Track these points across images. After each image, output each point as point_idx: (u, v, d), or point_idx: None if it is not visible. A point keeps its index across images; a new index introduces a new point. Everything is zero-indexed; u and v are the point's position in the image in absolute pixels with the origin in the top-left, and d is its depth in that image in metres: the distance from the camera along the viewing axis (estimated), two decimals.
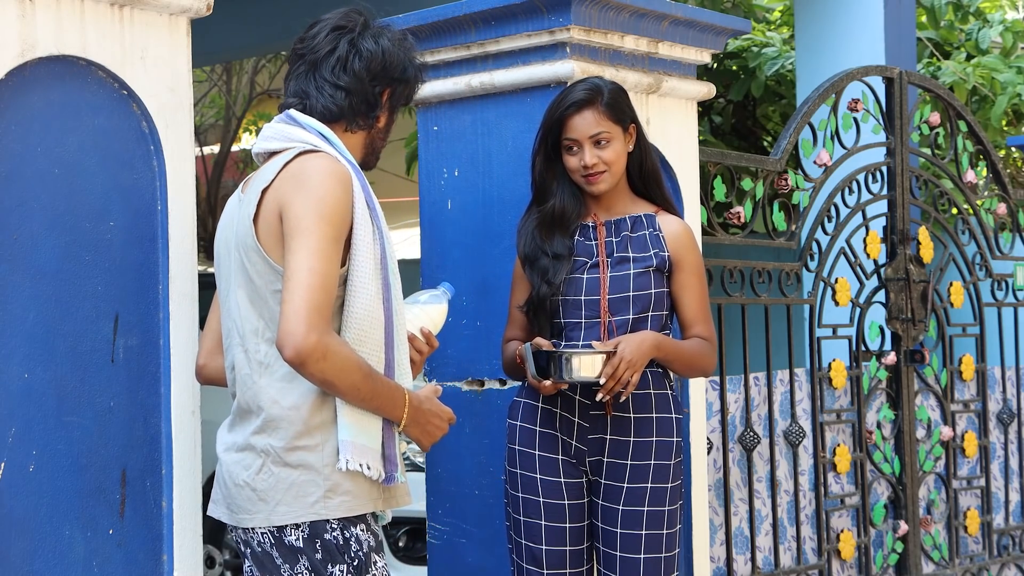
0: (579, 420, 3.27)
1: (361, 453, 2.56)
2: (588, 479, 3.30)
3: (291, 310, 2.46)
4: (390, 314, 2.64)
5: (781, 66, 8.33)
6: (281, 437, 2.57)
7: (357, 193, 2.59)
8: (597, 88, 3.28)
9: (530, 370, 3.16)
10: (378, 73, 2.72)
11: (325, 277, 2.49)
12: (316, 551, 2.56)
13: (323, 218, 2.51)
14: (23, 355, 2.69)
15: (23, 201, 2.70)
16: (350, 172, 2.60)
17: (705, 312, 3.35)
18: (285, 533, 2.57)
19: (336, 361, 2.48)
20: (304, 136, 2.65)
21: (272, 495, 2.57)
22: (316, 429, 2.57)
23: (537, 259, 3.29)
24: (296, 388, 2.57)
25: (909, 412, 5.02)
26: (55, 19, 2.74)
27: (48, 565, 2.72)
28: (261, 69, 14.35)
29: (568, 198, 3.30)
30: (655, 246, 3.30)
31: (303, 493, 2.56)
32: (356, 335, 2.57)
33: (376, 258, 2.61)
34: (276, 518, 2.57)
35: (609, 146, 3.25)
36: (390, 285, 2.64)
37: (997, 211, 5.58)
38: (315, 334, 2.45)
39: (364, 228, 2.59)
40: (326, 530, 2.56)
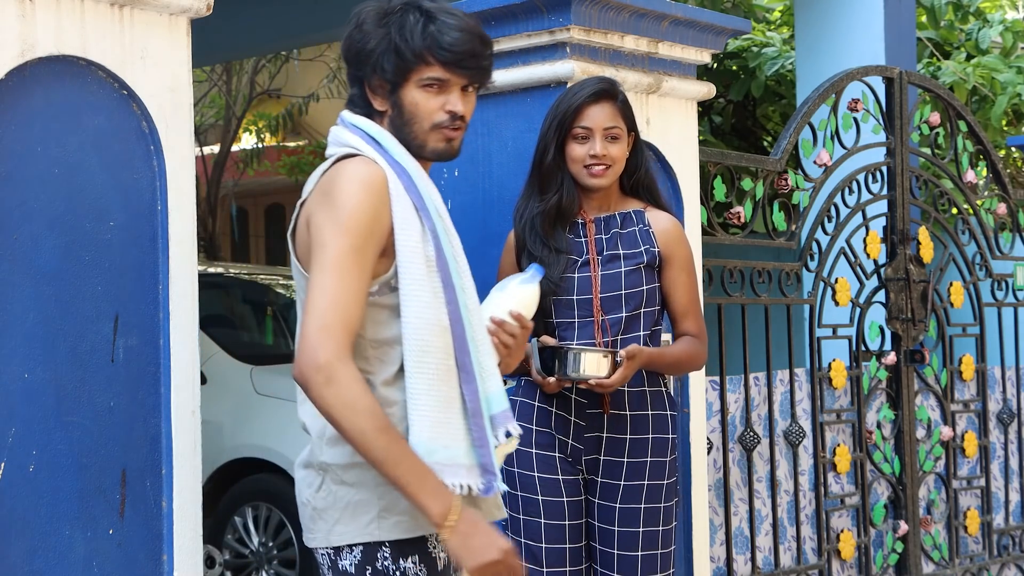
0: (575, 419, 3.27)
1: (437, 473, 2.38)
2: (584, 477, 3.30)
3: (302, 331, 2.33)
4: (457, 316, 2.46)
5: (781, 66, 8.34)
6: (340, 453, 2.43)
7: (396, 195, 2.44)
8: (615, 84, 3.31)
9: (536, 366, 3.17)
10: (354, 59, 2.52)
11: (337, 295, 2.34)
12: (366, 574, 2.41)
13: (341, 229, 2.36)
14: (23, 355, 2.69)
15: (23, 201, 2.70)
16: (384, 174, 2.44)
17: (695, 307, 3.36)
18: (341, 556, 2.43)
19: (342, 392, 2.30)
20: (346, 138, 2.51)
21: (331, 514, 2.44)
22: None
23: (536, 253, 3.28)
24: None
25: (909, 412, 5.02)
26: (55, 19, 2.74)
27: (48, 565, 2.72)
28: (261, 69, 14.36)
29: (572, 192, 3.30)
30: (645, 242, 3.30)
31: (359, 512, 2.42)
32: (416, 344, 2.41)
33: (428, 259, 2.45)
34: (334, 538, 2.43)
35: (618, 143, 3.27)
36: (453, 285, 2.47)
37: (997, 211, 5.58)
38: (322, 354, 2.30)
39: (407, 230, 2.44)
40: (377, 557, 2.41)
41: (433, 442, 2.39)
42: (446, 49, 2.46)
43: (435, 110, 2.50)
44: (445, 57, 2.46)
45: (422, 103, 2.49)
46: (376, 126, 2.51)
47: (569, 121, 3.26)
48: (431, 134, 2.52)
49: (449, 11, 2.50)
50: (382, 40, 2.47)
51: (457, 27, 2.47)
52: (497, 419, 2.52)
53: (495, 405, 2.52)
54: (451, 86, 2.50)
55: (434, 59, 2.46)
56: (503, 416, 2.53)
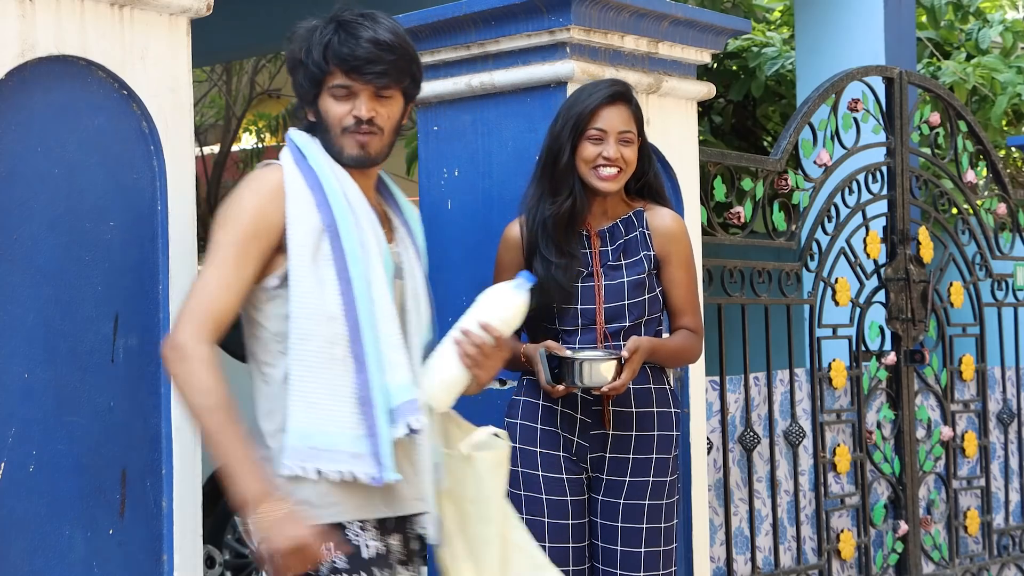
0: (581, 416, 3.28)
1: (307, 457, 2.51)
2: (588, 475, 3.31)
3: (179, 312, 2.57)
4: (351, 307, 2.57)
5: (781, 66, 8.33)
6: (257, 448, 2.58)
7: (292, 193, 2.59)
8: (629, 87, 3.30)
9: (545, 376, 3.16)
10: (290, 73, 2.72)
11: (210, 284, 2.54)
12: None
13: (222, 224, 2.58)
14: (23, 355, 2.69)
15: (23, 201, 2.70)
16: (278, 177, 2.61)
17: (693, 303, 3.36)
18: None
19: (190, 370, 2.49)
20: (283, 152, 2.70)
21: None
22: (270, 436, 2.58)
23: (550, 259, 3.24)
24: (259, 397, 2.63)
25: (909, 412, 5.02)
26: (55, 19, 2.74)
27: (48, 565, 2.72)
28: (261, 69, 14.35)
29: (584, 197, 3.27)
30: (643, 247, 3.30)
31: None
32: (296, 331, 2.55)
33: (319, 252, 2.57)
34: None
35: (631, 147, 3.25)
36: (350, 278, 2.58)
37: (997, 211, 5.58)
38: (179, 335, 2.51)
39: (297, 224, 2.57)
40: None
41: (310, 427, 2.52)
42: (343, 58, 2.61)
43: (343, 115, 2.64)
44: (344, 65, 2.62)
45: (332, 110, 2.65)
46: (305, 137, 2.69)
47: (585, 122, 3.24)
48: (344, 139, 2.66)
49: (366, 23, 2.65)
50: (306, 50, 2.65)
51: (363, 36, 2.62)
52: (399, 411, 2.59)
53: (397, 397, 2.59)
54: (358, 92, 2.64)
55: (336, 67, 2.62)
56: (406, 408, 2.59)
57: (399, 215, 2.81)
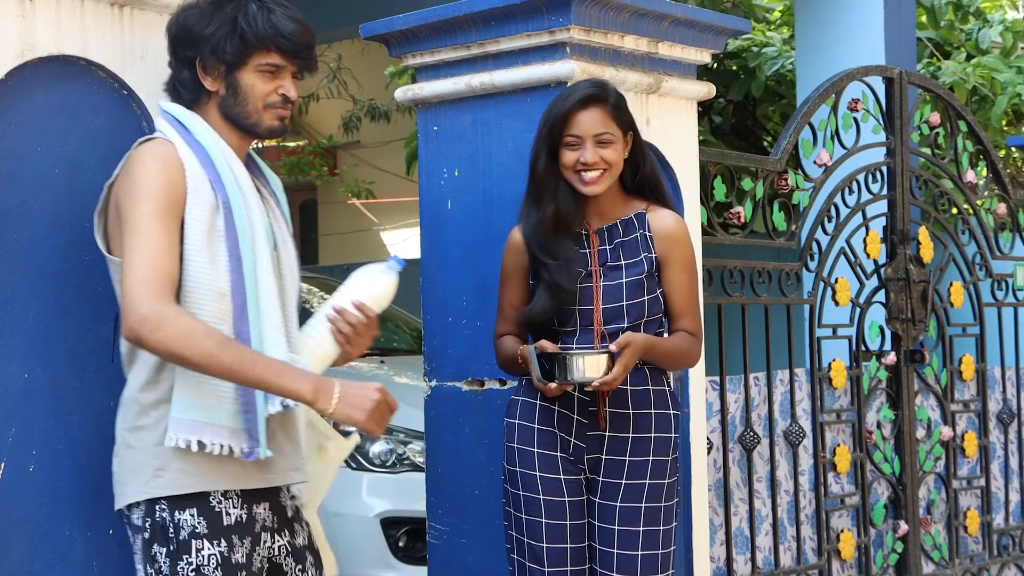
0: (578, 416, 3.27)
1: (191, 429, 2.57)
2: (586, 476, 3.30)
3: (122, 292, 2.55)
4: (239, 285, 2.63)
5: (781, 66, 8.34)
6: (126, 419, 2.65)
7: (188, 166, 2.63)
8: (605, 87, 3.27)
9: (535, 373, 3.16)
10: (175, 45, 2.73)
11: (146, 251, 2.53)
12: (146, 530, 2.61)
13: (138, 198, 2.57)
14: (23, 355, 2.69)
15: (23, 201, 2.70)
16: (173, 149, 2.63)
17: (693, 306, 3.34)
18: (132, 513, 2.63)
19: (174, 330, 2.49)
20: (158, 124, 2.72)
21: (121, 476, 2.65)
22: (151, 408, 2.62)
23: (547, 264, 3.25)
24: (136, 370, 2.65)
25: (909, 412, 5.02)
26: (55, 19, 2.74)
27: (48, 565, 2.72)
28: None
29: (569, 200, 3.27)
30: (644, 249, 3.28)
31: (139, 472, 2.61)
32: (190, 307, 2.58)
33: (213, 228, 2.62)
34: (123, 499, 2.64)
35: (610, 147, 3.23)
36: (240, 256, 2.63)
37: (997, 211, 5.58)
38: (143, 306, 2.49)
39: (195, 199, 2.61)
40: (155, 510, 2.60)
41: (194, 400, 2.57)
42: (287, 38, 2.71)
43: (270, 92, 2.73)
44: (285, 46, 2.72)
45: (258, 85, 2.72)
46: (185, 111, 2.71)
47: (559, 129, 3.24)
48: (265, 113, 2.74)
49: (282, 3, 2.76)
50: (224, 24, 2.68)
51: (294, 19, 2.73)
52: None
53: None
54: (284, 72, 2.75)
55: (274, 46, 2.71)
56: None
57: (267, 186, 2.86)
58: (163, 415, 2.60)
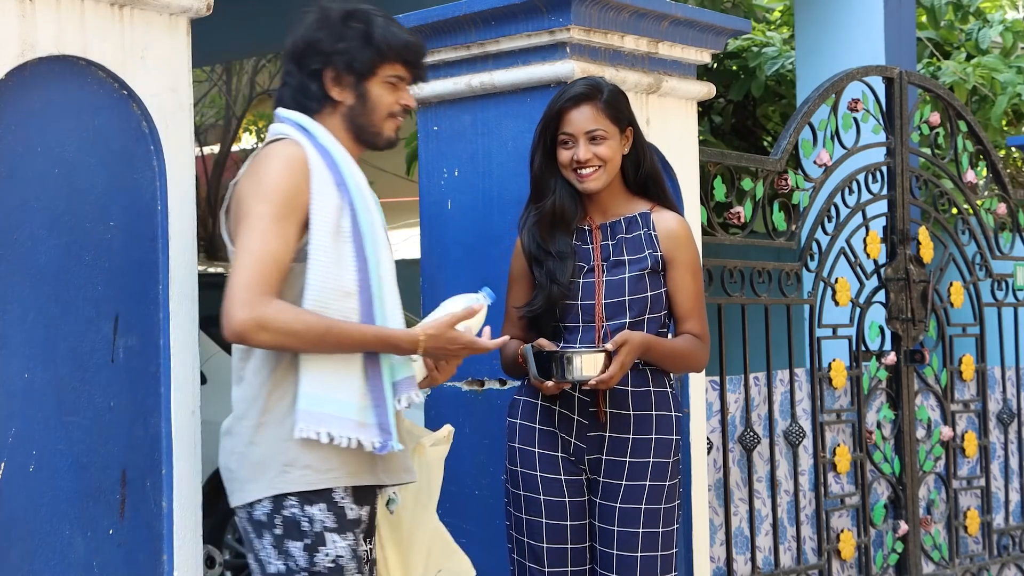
0: (578, 417, 3.27)
1: (320, 421, 2.64)
2: (587, 477, 3.30)
3: (227, 293, 2.62)
4: (365, 284, 2.72)
5: (781, 66, 8.33)
6: (250, 416, 2.71)
7: (315, 170, 2.70)
8: (597, 85, 3.28)
9: (532, 371, 3.16)
10: (302, 58, 2.83)
11: (261, 254, 2.61)
12: (276, 526, 2.67)
13: (262, 199, 2.65)
14: (23, 355, 2.69)
15: (23, 201, 2.71)
16: (303, 152, 2.71)
17: (699, 308, 3.34)
18: (255, 509, 2.69)
19: (279, 327, 2.59)
20: (281, 128, 2.80)
21: (241, 473, 2.72)
22: (278, 404, 2.68)
23: (543, 260, 3.28)
24: (265, 368, 2.70)
25: (909, 412, 5.02)
26: (55, 19, 2.74)
27: (48, 565, 2.72)
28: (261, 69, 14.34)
29: (566, 196, 3.29)
30: (649, 246, 3.29)
31: (265, 468, 2.67)
32: (313, 305, 2.66)
33: (340, 230, 2.70)
34: (245, 495, 2.70)
35: (604, 144, 3.25)
36: (366, 257, 2.72)
37: (997, 211, 5.58)
38: (247, 310, 2.58)
39: (321, 201, 2.69)
40: (284, 506, 2.66)
41: (322, 394, 2.65)
42: (413, 51, 2.86)
43: (392, 103, 2.86)
44: (410, 58, 2.86)
45: (385, 96, 2.84)
46: (307, 118, 2.82)
47: (553, 128, 3.27)
48: (386, 123, 2.87)
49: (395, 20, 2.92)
50: (356, 38, 2.80)
51: (411, 33, 2.89)
52: (400, 386, 2.79)
53: (398, 372, 2.79)
54: (405, 83, 2.89)
55: (401, 59, 2.84)
56: (406, 383, 2.81)
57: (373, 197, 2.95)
58: (287, 412, 2.66)
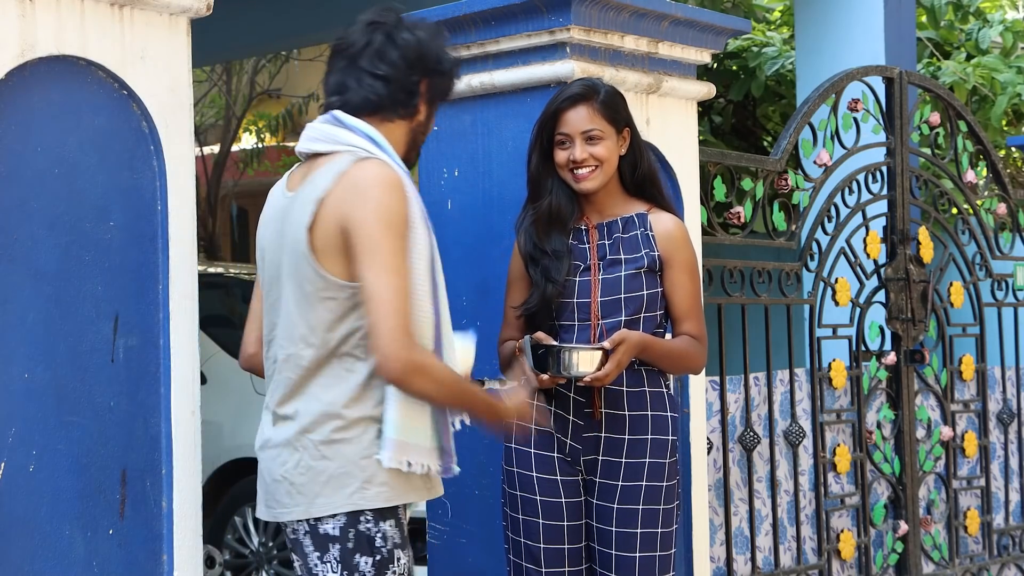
0: (573, 418, 3.27)
1: (405, 450, 2.63)
2: (584, 478, 3.30)
3: (386, 330, 2.54)
4: (438, 310, 2.70)
5: (781, 66, 8.34)
6: (321, 431, 2.64)
7: (411, 196, 2.65)
8: (593, 86, 3.29)
9: (528, 362, 3.16)
10: (414, 62, 2.75)
11: (403, 292, 2.57)
12: (349, 540, 2.63)
13: (390, 231, 2.57)
14: (23, 355, 2.69)
15: (23, 201, 2.70)
16: (402, 177, 2.64)
17: (696, 309, 3.34)
18: (322, 522, 2.64)
19: (434, 375, 2.60)
20: (352, 139, 2.68)
21: (311, 488, 2.64)
22: (355, 424, 2.64)
23: (538, 259, 3.29)
24: (338, 386, 2.64)
25: (909, 412, 5.02)
26: (55, 19, 2.74)
27: (48, 565, 2.72)
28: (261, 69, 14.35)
29: (562, 196, 3.31)
30: (645, 246, 3.29)
31: (342, 484, 2.63)
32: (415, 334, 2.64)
33: (429, 258, 2.69)
34: (315, 510, 2.64)
35: (600, 144, 3.26)
36: (437, 284, 2.72)
37: (997, 211, 5.58)
38: (414, 352, 2.56)
39: (419, 230, 2.66)
40: (360, 521, 2.64)
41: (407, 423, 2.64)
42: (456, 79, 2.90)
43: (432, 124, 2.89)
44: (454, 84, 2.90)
45: (431, 117, 2.86)
46: (375, 130, 2.69)
47: (549, 129, 3.29)
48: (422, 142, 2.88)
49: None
50: (452, 62, 2.83)
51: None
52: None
53: None
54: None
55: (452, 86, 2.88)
56: None
57: None
58: (365, 430, 2.64)
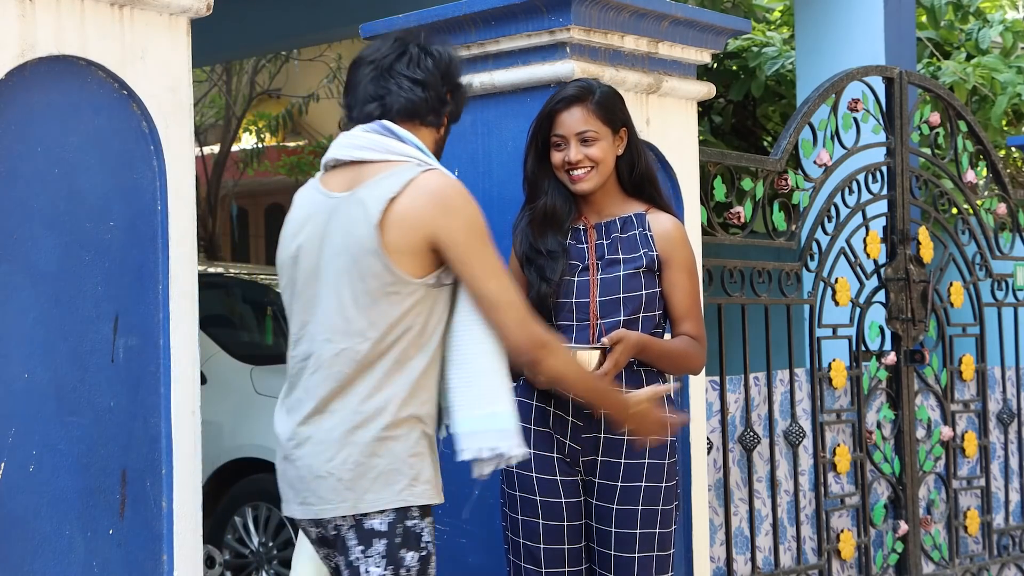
0: (572, 419, 3.27)
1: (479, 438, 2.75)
2: (583, 478, 3.30)
3: (513, 321, 2.73)
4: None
5: (781, 66, 8.34)
6: (371, 429, 2.68)
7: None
8: (588, 87, 3.29)
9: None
10: (445, 73, 2.88)
11: (514, 286, 2.77)
12: (396, 536, 2.68)
13: (484, 238, 2.74)
14: (23, 355, 2.70)
15: (23, 201, 2.71)
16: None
17: (695, 309, 3.34)
18: (368, 518, 2.68)
19: (562, 357, 2.83)
20: (404, 149, 2.78)
21: (362, 483, 2.68)
22: (404, 422, 2.69)
23: (533, 258, 3.30)
24: (391, 384, 2.70)
25: (909, 412, 5.02)
26: (55, 19, 2.74)
27: (48, 565, 2.72)
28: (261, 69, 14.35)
29: (558, 196, 3.32)
30: (644, 246, 3.29)
31: (391, 481, 2.68)
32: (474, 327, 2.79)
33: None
34: (363, 506, 2.68)
35: (595, 145, 3.26)
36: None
37: (997, 211, 5.58)
38: (539, 335, 2.76)
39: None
40: (407, 517, 2.69)
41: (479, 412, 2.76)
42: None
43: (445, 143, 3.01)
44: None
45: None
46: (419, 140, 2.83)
47: (544, 130, 3.30)
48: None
49: None
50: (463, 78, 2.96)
51: None
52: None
53: None
54: None
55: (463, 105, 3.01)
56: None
57: None
58: (412, 428, 2.71)
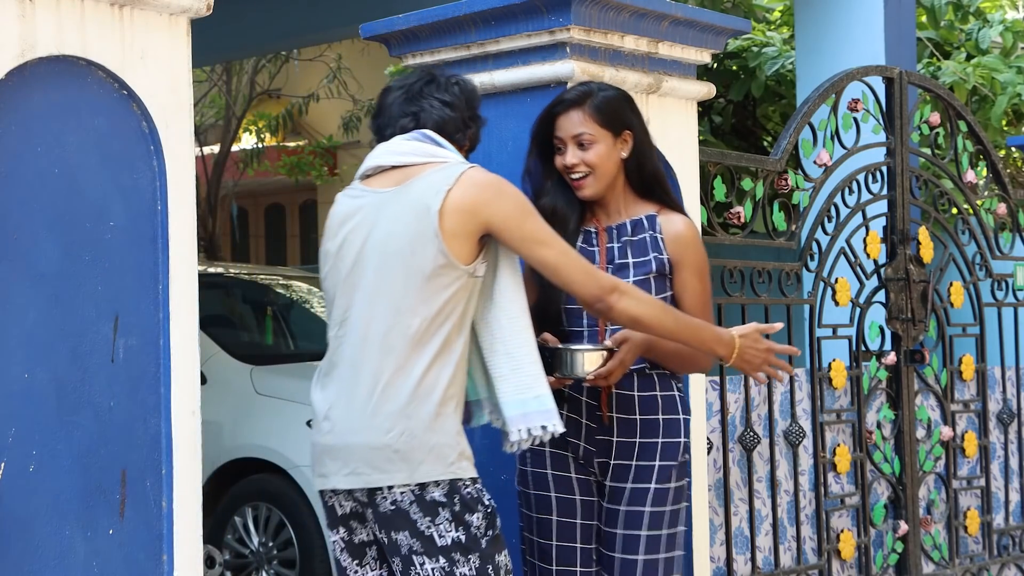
0: (586, 421, 3.27)
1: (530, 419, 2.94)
2: (597, 479, 3.30)
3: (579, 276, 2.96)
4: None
5: (781, 66, 8.34)
6: (427, 405, 2.87)
7: None
8: (588, 90, 3.29)
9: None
10: (469, 101, 3.11)
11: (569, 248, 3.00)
12: (455, 504, 2.86)
13: (534, 213, 2.98)
14: (23, 355, 2.69)
15: (23, 201, 2.71)
16: None
17: (705, 311, 3.34)
18: (427, 490, 2.86)
19: (636, 295, 3.00)
20: (445, 154, 3.01)
21: (415, 455, 2.85)
22: (451, 399, 2.89)
23: None
24: (440, 363, 2.88)
25: (909, 412, 5.02)
26: (55, 19, 2.74)
27: (48, 565, 2.72)
28: (261, 69, 14.36)
29: (560, 197, 3.31)
30: (654, 249, 3.29)
31: (443, 455, 2.87)
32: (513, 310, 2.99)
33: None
34: (419, 476, 2.85)
35: (591, 148, 3.25)
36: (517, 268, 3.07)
37: (997, 211, 5.59)
38: (605, 280, 2.97)
39: None
40: (460, 488, 2.88)
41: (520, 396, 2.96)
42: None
43: None
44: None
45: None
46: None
47: (544, 134, 3.31)
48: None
49: None
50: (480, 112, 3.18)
51: None
52: None
53: None
54: None
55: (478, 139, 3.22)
56: None
57: None
58: (457, 406, 2.92)
